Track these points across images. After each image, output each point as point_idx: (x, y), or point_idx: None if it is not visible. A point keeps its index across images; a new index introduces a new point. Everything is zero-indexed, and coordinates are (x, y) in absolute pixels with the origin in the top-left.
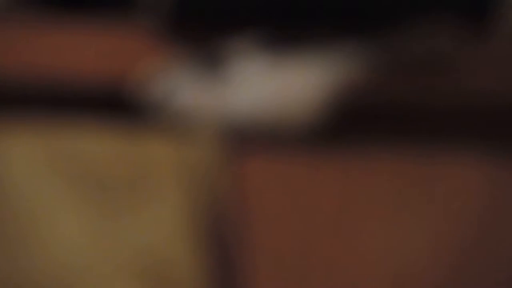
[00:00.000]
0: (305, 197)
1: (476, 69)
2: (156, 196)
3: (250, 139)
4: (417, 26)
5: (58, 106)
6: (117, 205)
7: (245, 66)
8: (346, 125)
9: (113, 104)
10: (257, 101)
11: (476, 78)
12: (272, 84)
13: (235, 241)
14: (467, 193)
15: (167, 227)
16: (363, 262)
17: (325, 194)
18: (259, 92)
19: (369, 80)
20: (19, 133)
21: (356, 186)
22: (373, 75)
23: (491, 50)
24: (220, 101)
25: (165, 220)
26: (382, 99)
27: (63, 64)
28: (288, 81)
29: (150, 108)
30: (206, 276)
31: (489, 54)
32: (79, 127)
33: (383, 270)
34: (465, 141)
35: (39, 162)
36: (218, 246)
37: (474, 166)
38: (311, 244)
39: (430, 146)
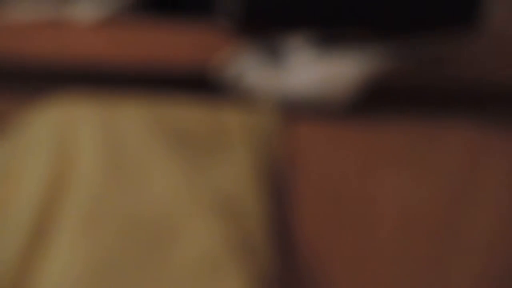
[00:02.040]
0: (339, 152)
1: (469, 61)
2: (230, 151)
3: (299, 111)
4: (421, 33)
5: (160, 86)
6: (201, 158)
7: (298, 56)
8: (372, 101)
9: (199, 84)
10: (305, 83)
11: (470, 68)
12: (317, 71)
13: (285, 183)
14: (457, 152)
15: (238, 175)
16: (378, 202)
17: (353, 149)
18: (307, 76)
19: (389, 69)
20: (132, 107)
21: (377, 144)
22: (392, 66)
23: (481, 45)
24: (277, 82)
25: (236, 169)
26: (399, 82)
27: (161, 54)
28: (329, 70)
29: (226, 86)
30: (264, 210)
31: (480, 49)
32: (175, 102)
33: (392, 209)
34: (459, 113)
35: (146, 127)
36: (273, 188)
37: (463, 132)
38: (341, 186)
39: (434, 115)
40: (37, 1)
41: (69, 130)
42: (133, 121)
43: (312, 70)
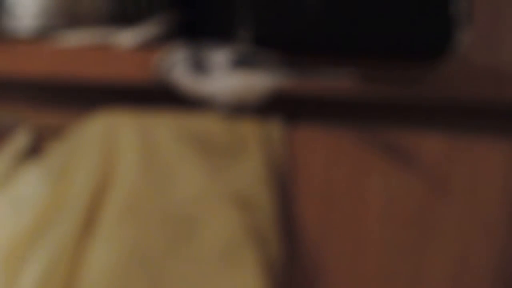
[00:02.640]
0: (333, 156)
1: (440, 82)
2: (245, 156)
3: (301, 125)
4: (401, 57)
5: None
6: (222, 161)
7: (220, 66)
8: (360, 115)
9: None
10: (223, 89)
11: (440, 87)
12: (234, 80)
13: (289, 183)
14: (430, 157)
15: (252, 176)
16: (366, 199)
17: (345, 154)
18: (225, 83)
19: (289, 84)
20: (164, 118)
21: (365, 150)
22: (292, 81)
23: (451, 68)
24: (200, 86)
25: (250, 171)
26: (382, 100)
27: None
28: (243, 80)
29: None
30: (274, 206)
31: (449, 71)
32: (199, 115)
33: (378, 204)
34: (431, 126)
35: (176, 134)
36: (279, 187)
37: (435, 140)
38: (335, 185)
39: (411, 127)
40: (86, 29)
41: (113, 136)
42: (165, 129)
43: (230, 79)
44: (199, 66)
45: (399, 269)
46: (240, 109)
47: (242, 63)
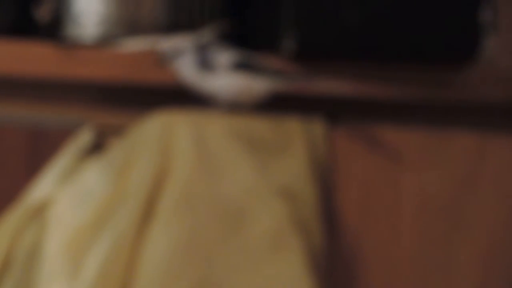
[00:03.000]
0: (371, 152)
1: (467, 84)
2: (291, 151)
3: (341, 123)
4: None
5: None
6: (269, 156)
7: (223, 66)
8: (394, 114)
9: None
10: (225, 87)
11: (467, 89)
12: (235, 80)
13: (331, 177)
14: (460, 154)
15: (297, 170)
16: (402, 192)
17: (383, 150)
18: (227, 82)
19: (283, 87)
20: (216, 117)
21: (401, 147)
22: (285, 85)
23: (477, 71)
24: (204, 82)
25: (296, 165)
26: (413, 102)
27: None
28: (244, 81)
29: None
30: (317, 198)
31: (476, 74)
32: (249, 115)
33: (414, 197)
34: (460, 125)
35: (226, 132)
36: (323, 181)
37: (464, 138)
38: (373, 179)
39: (441, 127)
40: (145, 36)
41: (169, 133)
42: (216, 127)
43: (230, 79)
44: (205, 64)
45: (432, 258)
46: (238, 107)
47: (243, 65)
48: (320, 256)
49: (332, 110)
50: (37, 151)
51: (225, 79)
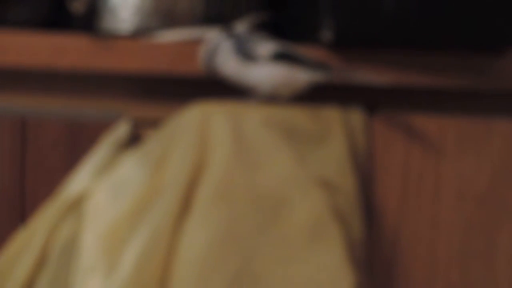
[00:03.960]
0: (409, 141)
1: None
2: (329, 141)
3: (380, 113)
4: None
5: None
6: (307, 146)
7: (263, 56)
8: (431, 102)
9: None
10: (264, 78)
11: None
12: (275, 71)
13: (369, 167)
14: (501, 141)
15: (336, 159)
16: (442, 179)
17: (421, 138)
18: (266, 73)
19: (322, 80)
20: (252, 108)
21: (439, 134)
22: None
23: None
24: (243, 72)
25: (334, 154)
26: (453, 89)
27: None
28: (284, 71)
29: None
30: (355, 188)
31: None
32: (287, 105)
33: (456, 185)
34: (499, 113)
35: (264, 122)
36: (362, 171)
37: (505, 126)
38: (412, 167)
39: (480, 114)
40: (181, 28)
41: (206, 124)
42: (254, 118)
43: (269, 70)
44: (244, 55)
45: (471, 247)
46: (277, 98)
47: (283, 56)
48: (360, 247)
49: (371, 99)
50: (75, 144)
51: (265, 70)
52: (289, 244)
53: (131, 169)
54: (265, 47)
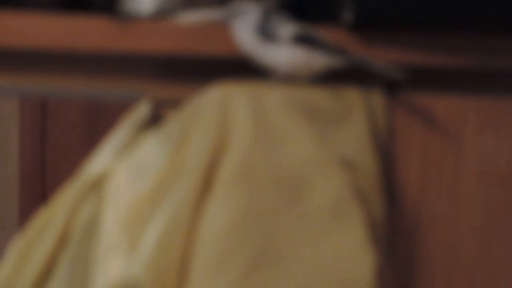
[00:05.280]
0: (430, 121)
1: None
2: (350, 121)
3: (399, 93)
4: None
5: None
6: (328, 126)
7: (284, 39)
8: (454, 82)
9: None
10: (285, 59)
11: None
12: (295, 53)
13: (390, 148)
14: None
15: (357, 139)
16: (464, 159)
17: (441, 118)
18: (287, 55)
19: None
20: (272, 88)
21: (460, 114)
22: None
23: None
24: (265, 53)
25: (355, 135)
26: (475, 69)
27: None
28: (304, 54)
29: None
30: (377, 169)
31: None
32: (306, 86)
33: (476, 163)
34: None
35: (284, 102)
36: (382, 151)
37: None
38: (433, 148)
39: (503, 95)
40: (201, 10)
41: (227, 105)
42: (274, 98)
43: (290, 51)
44: (266, 34)
45: (492, 228)
46: (296, 80)
47: (304, 38)
48: (380, 226)
49: (391, 80)
50: (95, 124)
51: (285, 51)
52: (310, 223)
53: (152, 149)
54: (286, 28)
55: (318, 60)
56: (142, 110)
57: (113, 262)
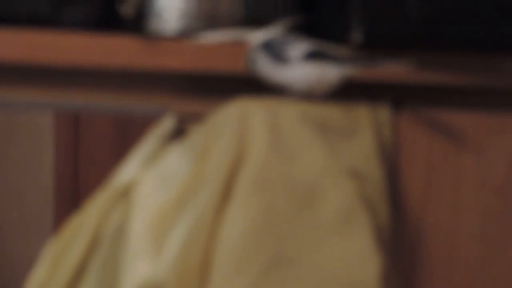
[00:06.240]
0: (432, 135)
1: None
2: (359, 135)
3: (406, 109)
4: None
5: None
6: (339, 140)
7: (296, 57)
8: (452, 99)
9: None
10: (298, 77)
11: None
12: (308, 70)
13: (395, 160)
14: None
15: (365, 152)
16: (462, 173)
17: (442, 134)
18: (300, 73)
19: (351, 76)
20: (288, 104)
21: (460, 130)
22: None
23: None
24: (278, 73)
25: (363, 148)
26: (473, 86)
27: None
28: (317, 70)
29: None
30: (383, 179)
31: None
32: (320, 102)
33: (476, 175)
34: None
35: (298, 117)
36: (388, 163)
37: None
38: (435, 161)
39: (500, 110)
40: (223, 29)
41: (246, 119)
42: (290, 113)
43: (303, 69)
44: (279, 57)
45: (491, 237)
46: (311, 96)
47: (314, 54)
48: (386, 232)
49: (397, 96)
50: (123, 137)
51: (298, 70)
52: (321, 229)
53: (176, 160)
54: (297, 48)
55: (330, 72)
56: (167, 124)
57: (140, 265)
